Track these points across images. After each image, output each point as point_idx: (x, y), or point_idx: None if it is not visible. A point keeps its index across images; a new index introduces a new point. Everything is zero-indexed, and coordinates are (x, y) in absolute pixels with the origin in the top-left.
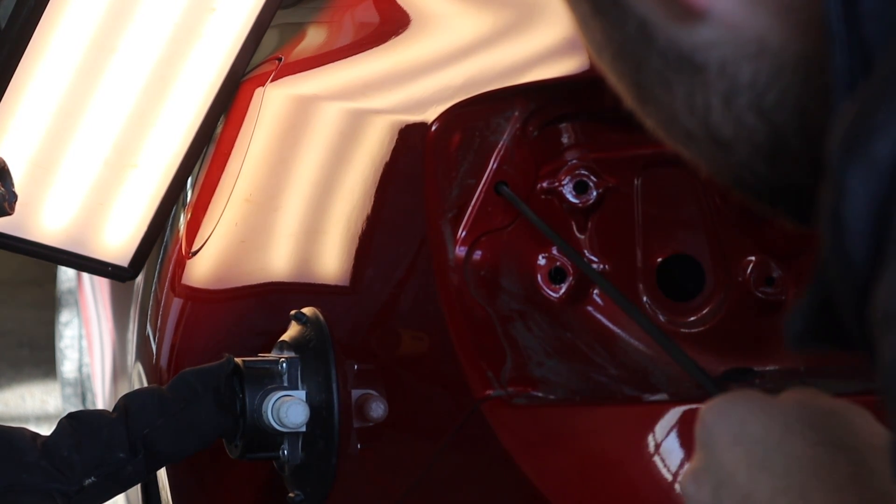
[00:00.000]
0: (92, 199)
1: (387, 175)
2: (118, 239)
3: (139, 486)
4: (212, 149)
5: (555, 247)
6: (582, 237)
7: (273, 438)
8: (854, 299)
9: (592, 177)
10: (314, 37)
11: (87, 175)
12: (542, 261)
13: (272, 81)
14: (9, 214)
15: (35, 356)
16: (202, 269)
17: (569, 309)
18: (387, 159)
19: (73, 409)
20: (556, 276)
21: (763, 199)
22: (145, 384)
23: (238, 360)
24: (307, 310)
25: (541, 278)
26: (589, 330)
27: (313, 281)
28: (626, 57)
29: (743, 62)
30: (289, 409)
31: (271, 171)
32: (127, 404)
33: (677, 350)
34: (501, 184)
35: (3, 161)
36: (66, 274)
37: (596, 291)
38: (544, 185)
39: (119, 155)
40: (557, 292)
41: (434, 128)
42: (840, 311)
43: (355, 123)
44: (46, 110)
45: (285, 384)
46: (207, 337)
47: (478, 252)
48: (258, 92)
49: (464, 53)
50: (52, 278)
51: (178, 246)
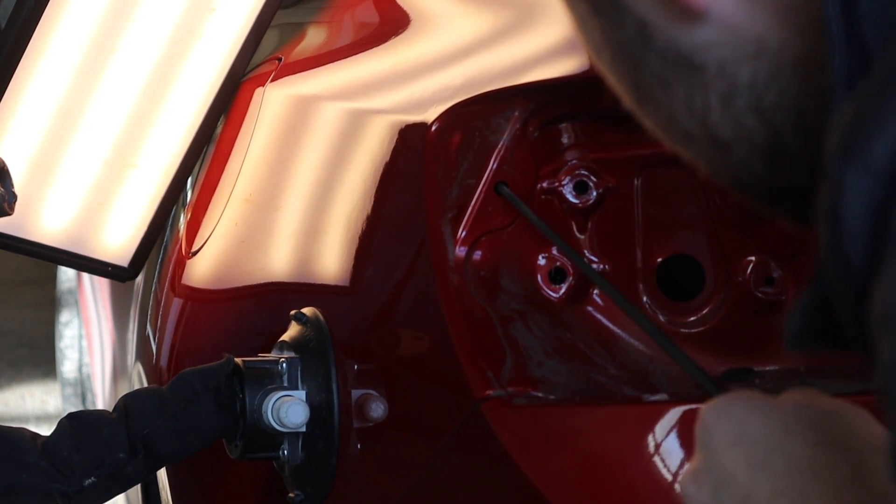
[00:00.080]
0: (92, 199)
1: (387, 175)
2: (118, 239)
3: (139, 486)
4: (212, 149)
5: (555, 247)
6: (582, 237)
7: (273, 438)
8: (852, 300)
9: (592, 177)
10: (314, 37)
11: (87, 175)
12: (542, 261)
13: (272, 81)
14: (9, 214)
15: (35, 356)
16: (202, 269)
17: (569, 309)
18: (387, 159)
19: (73, 409)
20: (556, 276)
21: (762, 200)
22: (145, 384)
23: (238, 360)
24: (307, 310)
25: (541, 278)
26: (589, 330)
27: (313, 281)
28: (625, 57)
29: (742, 63)
30: (289, 409)
31: (271, 171)
32: (127, 404)
33: (677, 350)
34: (501, 184)
35: (3, 161)
36: (66, 274)
37: (596, 291)
38: (544, 185)
39: (119, 155)
40: (557, 292)
41: (434, 128)
42: (838, 312)
43: (355, 123)
44: (46, 110)
45: (285, 384)
46: (207, 337)
47: (478, 252)
48: (258, 92)
49: (464, 53)
50: (52, 278)
51: (178, 246)
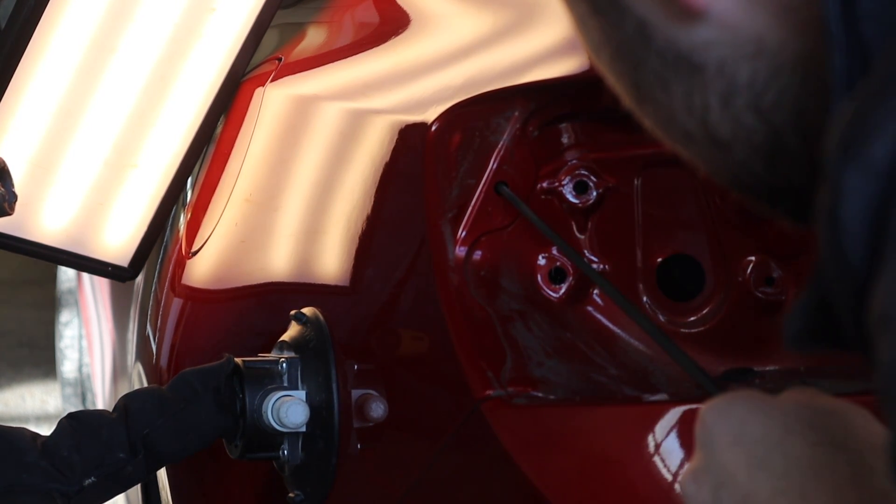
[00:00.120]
0: (92, 199)
1: (387, 175)
2: (118, 239)
3: (139, 486)
4: (212, 149)
5: (555, 247)
6: (582, 237)
7: (273, 438)
8: (851, 300)
9: (592, 177)
10: (314, 37)
11: (87, 175)
12: (542, 261)
13: (272, 81)
14: (9, 214)
15: (35, 356)
16: (202, 269)
17: (569, 309)
18: (387, 159)
19: (73, 409)
20: (556, 276)
21: (762, 199)
22: (145, 384)
23: (238, 360)
24: (307, 310)
25: (541, 278)
26: (589, 330)
27: (313, 281)
28: (625, 57)
29: (741, 62)
30: (289, 409)
31: (271, 171)
32: (127, 404)
33: (677, 350)
34: (501, 184)
35: (3, 161)
36: (66, 274)
37: (596, 291)
38: (544, 185)
39: (119, 155)
40: (557, 292)
41: (434, 128)
42: (837, 312)
43: (355, 123)
44: (46, 110)
45: (285, 384)
46: (207, 337)
47: (478, 252)
48: (258, 92)
49: (464, 53)
50: (52, 278)
51: (178, 246)
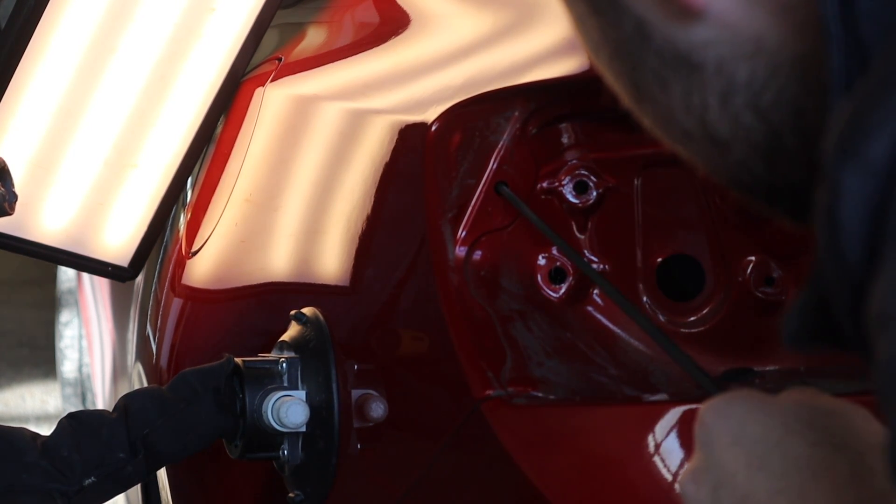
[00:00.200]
0: (92, 199)
1: (387, 175)
2: (118, 239)
3: (139, 486)
4: (212, 149)
5: (555, 247)
6: (582, 237)
7: (273, 438)
8: (849, 299)
9: (592, 177)
10: (314, 37)
11: (87, 175)
12: (542, 261)
13: (272, 81)
14: (9, 214)
15: (35, 356)
16: (202, 269)
17: (569, 309)
18: (387, 159)
19: (73, 409)
20: (556, 276)
21: (760, 199)
22: (145, 384)
23: (238, 360)
24: (307, 310)
25: (541, 278)
26: (589, 330)
27: (313, 281)
28: (624, 56)
29: (740, 61)
30: (289, 409)
31: (271, 171)
32: (127, 404)
33: (677, 350)
34: (501, 184)
35: (3, 161)
36: (66, 274)
37: (596, 291)
38: (544, 185)
39: (119, 155)
40: (557, 292)
41: (434, 128)
42: (836, 311)
43: (355, 123)
44: (46, 110)
45: (285, 384)
46: (207, 337)
47: (478, 252)
48: (258, 92)
49: (464, 53)
50: (52, 278)
51: (178, 246)
